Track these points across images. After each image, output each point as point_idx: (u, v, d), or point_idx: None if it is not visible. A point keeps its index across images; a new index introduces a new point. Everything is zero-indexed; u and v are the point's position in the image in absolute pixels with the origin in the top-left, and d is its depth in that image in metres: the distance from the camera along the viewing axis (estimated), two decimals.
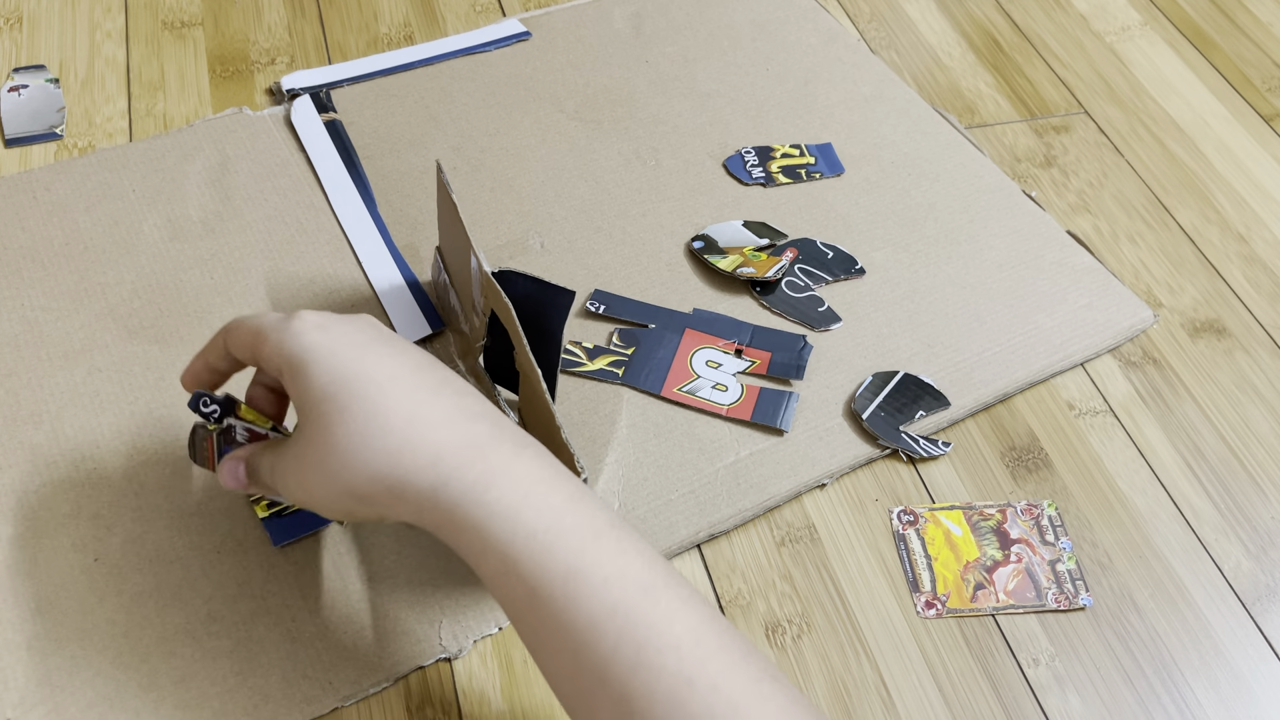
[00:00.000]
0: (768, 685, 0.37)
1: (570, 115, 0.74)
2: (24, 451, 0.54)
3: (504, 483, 0.39)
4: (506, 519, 0.38)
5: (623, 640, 0.36)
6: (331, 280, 0.63)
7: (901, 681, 0.50)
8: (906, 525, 0.55)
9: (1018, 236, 0.68)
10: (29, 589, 0.50)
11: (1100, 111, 0.79)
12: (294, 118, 0.72)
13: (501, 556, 0.38)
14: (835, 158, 0.72)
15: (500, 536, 0.38)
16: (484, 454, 0.40)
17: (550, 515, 0.39)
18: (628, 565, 0.38)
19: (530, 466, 0.40)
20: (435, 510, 0.39)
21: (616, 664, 0.36)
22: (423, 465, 0.39)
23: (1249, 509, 0.57)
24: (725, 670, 0.36)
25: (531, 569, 0.38)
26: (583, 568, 0.38)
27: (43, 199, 0.66)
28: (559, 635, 0.37)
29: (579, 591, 0.37)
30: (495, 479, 0.39)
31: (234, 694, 0.47)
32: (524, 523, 0.38)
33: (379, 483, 0.40)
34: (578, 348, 0.60)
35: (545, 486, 0.40)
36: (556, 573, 0.38)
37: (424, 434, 0.40)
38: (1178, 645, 0.52)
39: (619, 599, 0.37)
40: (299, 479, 0.42)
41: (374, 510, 0.41)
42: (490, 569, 0.39)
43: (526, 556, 0.38)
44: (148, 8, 0.81)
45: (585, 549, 0.38)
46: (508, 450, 0.41)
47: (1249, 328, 0.66)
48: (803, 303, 0.64)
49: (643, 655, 0.36)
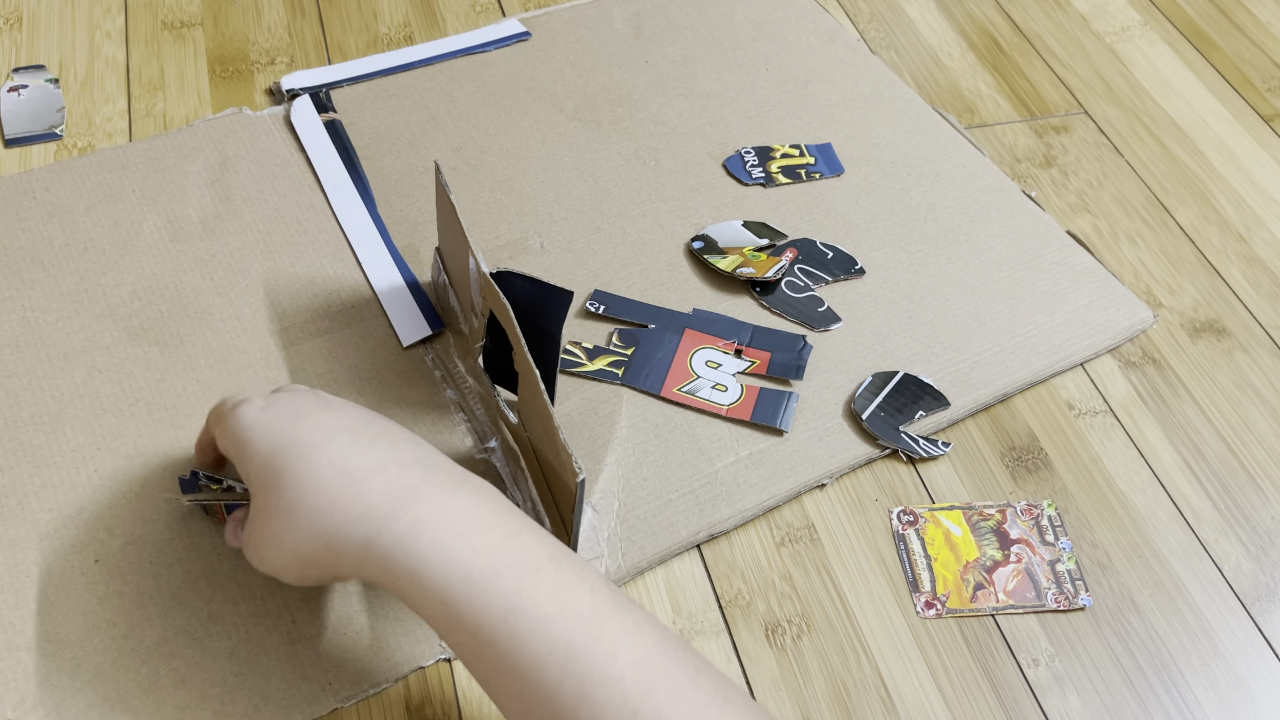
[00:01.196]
0: (716, 710, 0.37)
1: (570, 115, 0.74)
2: (24, 453, 0.54)
3: (436, 526, 0.39)
4: (440, 564, 0.38)
5: (566, 676, 0.36)
6: (331, 281, 0.63)
7: (901, 681, 0.50)
8: (906, 525, 0.55)
9: (1017, 236, 0.68)
10: (30, 590, 0.50)
11: (1100, 111, 0.79)
12: (294, 118, 0.72)
13: (441, 602, 0.38)
14: (835, 158, 0.72)
15: (437, 582, 0.38)
16: (415, 499, 0.40)
17: (485, 555, 0.39)
18: (568, 599, 0.38)
19: (463, 506, 0.40)
20: (372, 562, 0.40)
21: (562, 699, 0.36)
22: (355, 518, 0.40)
23: (1249, 509, 0.57)
24: (671, 698, 0.36)
25: (471, 612, 0.38)
26: (521, 606, 0.38)
27: (43, 199, 0.66)
28: (506, 675, 0.37)
29: (519, 630, 0.37)
30: (427, 524, 0.39)
31: (234, 695, 0.47)
32: (459, 565, 0.38)
33: (317, 540, 0.40)
34: (577, 348, 0.60)
35: (480, 526, 0.40)
36: (496, 613, 0.38)
37: (353, 486, 0.40)
38: (1177, 645, 0.52)
39: (560, 634, 0.37)
40: (255, 550, 0.43)
41: (321, 571, 0.42)
42: (432, 615, 0.39)
43: (464, 599, 0.38)
44: (147, 8, 0.81)
45: (522, 586, 0.38)
46: (439, 493, 0.40)
47: (1249, 328, 0.66)
48: (803, 303, 0.64)
49: (586, 690, 0.36)
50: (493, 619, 0.38)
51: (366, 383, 0.58)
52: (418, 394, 0.58)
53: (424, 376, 0.59)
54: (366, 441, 0.42)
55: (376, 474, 0.41)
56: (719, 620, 0.52)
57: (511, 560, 0.39)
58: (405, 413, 0.57)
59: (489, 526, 0.40)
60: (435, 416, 0.57)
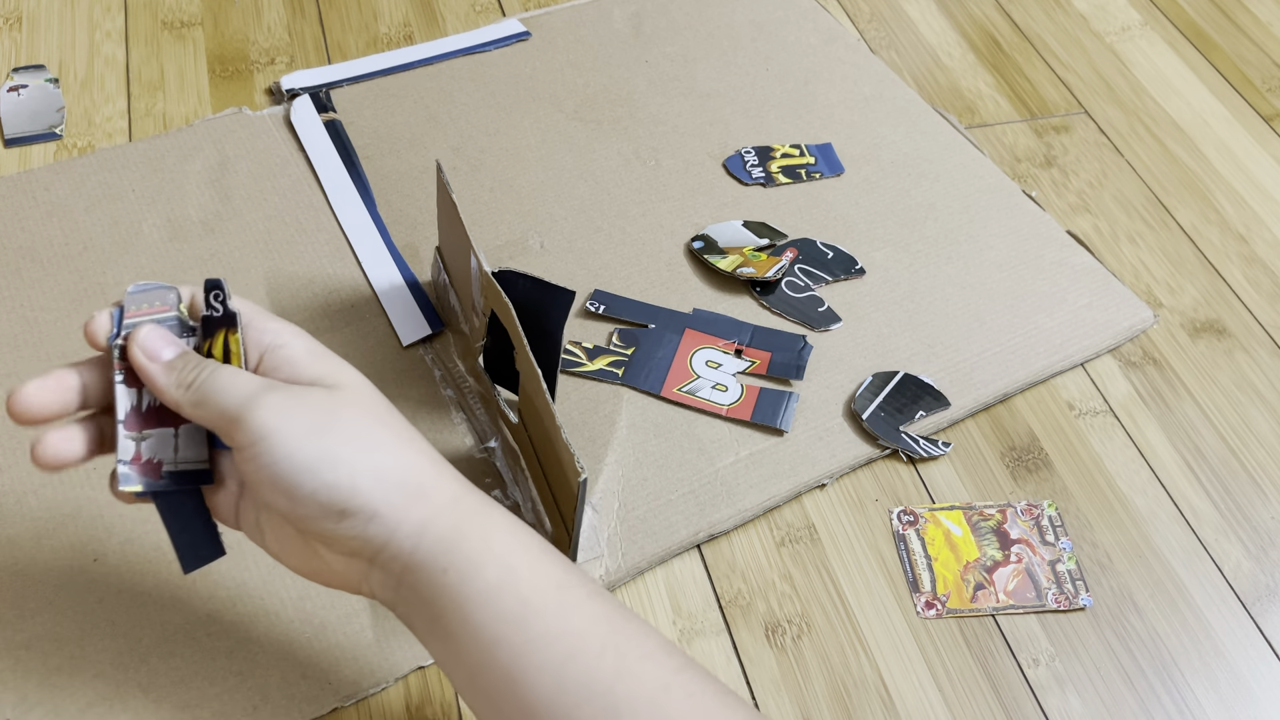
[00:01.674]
0: (737, 701, 0.37)
1: (570, 115, 0.74)
2: (23, 452, 0.54)
3: (486, 514, 0.39)
4: (503, 542, 0.38)
5: (606, 649, 0.36)
6: (331, 280, 0.63)
7: (901, 681, 0.50)
8: (906, 525, 0.55)
9: (1018, 236, 0.68)
10: (29, 589, 0.50)
11: (1100, 111, 0.79)
12: (294, 118, 0.72)
13: (498, 578, 0.38)
14: (835, 158, 0.72)
15: (497, 555, 0.38)
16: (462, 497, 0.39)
17: (536, 542, 0.38)
18: (596, 588, 0.38)
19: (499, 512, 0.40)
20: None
21: (601, 672, 0.36)
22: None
23: (1249, 509, 0.57)
24: (700, 676, 0.37)
25: (529, 581, 0.37)
26: (570, 581, 0.37)
27: (42, 199, 0.66)
28: (543, 650, 0.37)
29: (567, 602, 0.37)
30: (479, 511, 0.39)
31: (233, 694, 0.47)
32: (515, 549, 0.38)
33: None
34: (578, 348, 0.60)
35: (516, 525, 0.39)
36: (550, 583, 0.37)
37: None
38: (1178, 645, 0.52)
39: (600, 610, 0.37)
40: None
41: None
42: (480, 592, 0.37)
43: (520, 571, 0.37)
44: (147, 8, 0.81)
45: (569, 566, 0.38)
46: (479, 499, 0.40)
47: (1249, 328, 0.65)
48: (803, 303, 0.64)
49: (625, 664, 0.36)
50: (546, 587, 0.37)
51: None
52: (417, 393, 0.58)
53: (424, 376, 0.59)
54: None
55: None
56: (719, 620, 0.52)
57: (556, 551, 0.39)
58: (405, 412, 0.57)
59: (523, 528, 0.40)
60: (435, 416, 0.57)
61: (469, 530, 0.37)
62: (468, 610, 0.36)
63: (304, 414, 0.36)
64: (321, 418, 0.37)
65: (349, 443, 0.37)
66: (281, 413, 0.36)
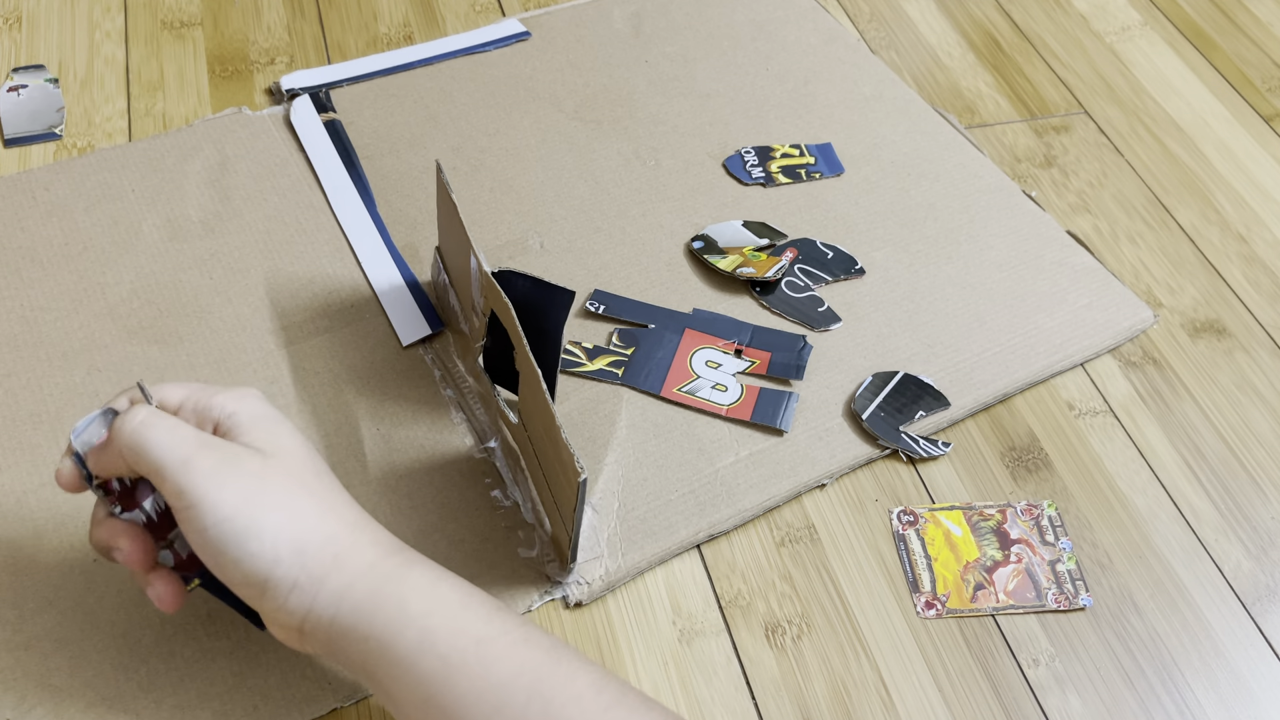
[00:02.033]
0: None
1: (570, 115, 0.74)
2: (23, 451, 0.54)
3: (418, 570, 0.41)
4: (425, 594, 0.40)
5: (532, 698, 0.38)
6: (331, 280, 0.63)
7: (901, 682, 0.50)
8: (906, 525, 0.55)
9: (1018, 236, 0.68)
10: (29, 589, 0.50)
11: (1100, 111, 0.79)
12: (293, 118, 0.72)
13: (421, 629, 0.39)
14: (835, 158, 0.72)
15: (421, 608, 0.40)
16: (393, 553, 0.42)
17: (461, 589, 0.41)
18: (529, 632, 0.40)
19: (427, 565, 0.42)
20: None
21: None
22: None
23: (1249, 509, 0.57)
24: (626, 714, 0.38)
25: (448, 635, 0.39)
26: (491, 634, 0.39)
27: (42, 199, 0.66)
28: (475, 701, 0.38)
29: (489, 655, 0.39)
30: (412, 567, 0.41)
31: (233, 694, 0.47)
32: (439, 598, 0.40)
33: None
34: (577, 348, 0.60)
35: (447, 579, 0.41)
36: (469, 639, 0.39)
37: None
38: (1178, 645, 0.52)
39: (526, 659, 0.39)
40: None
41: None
42: (407, 644, 0.39)
43: (441, 626, 0.39)
44: (147, 8, 0.81)
45: (492, 618, 0.40)
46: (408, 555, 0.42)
47: (1249, 328, 0.65)
48: (802, 303, 0.64)
49: (551, 709, 0.37)
50: (465, 644, 0.38)
51: (366, 382, 0.58)
52: (417, 393, 0.58)
53: (423, 376, 0.59)
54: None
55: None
56: (719, 620, 0.52)
57: (480, 598, 0.41)
58: (404, 412, 0.57)
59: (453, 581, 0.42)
60: (434, 416, 0.57)
61: (384, 597, 0.39)
62: (395, 673, 0.38)
63: (234, 482, 0.39)
64: (250, 485, 0.39)
65: (273, 512, 0.39)
66: (212, 478, 0.39)
